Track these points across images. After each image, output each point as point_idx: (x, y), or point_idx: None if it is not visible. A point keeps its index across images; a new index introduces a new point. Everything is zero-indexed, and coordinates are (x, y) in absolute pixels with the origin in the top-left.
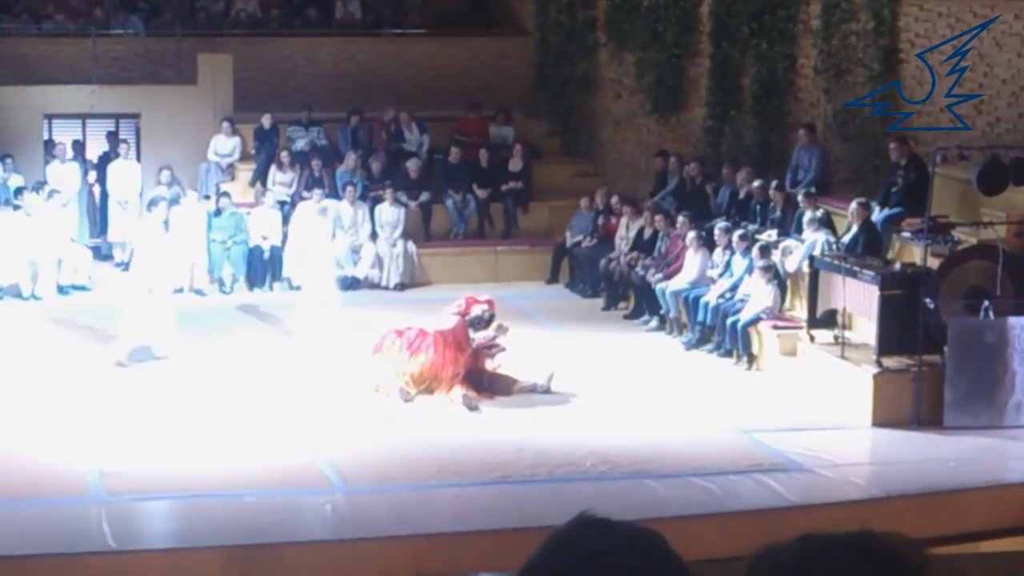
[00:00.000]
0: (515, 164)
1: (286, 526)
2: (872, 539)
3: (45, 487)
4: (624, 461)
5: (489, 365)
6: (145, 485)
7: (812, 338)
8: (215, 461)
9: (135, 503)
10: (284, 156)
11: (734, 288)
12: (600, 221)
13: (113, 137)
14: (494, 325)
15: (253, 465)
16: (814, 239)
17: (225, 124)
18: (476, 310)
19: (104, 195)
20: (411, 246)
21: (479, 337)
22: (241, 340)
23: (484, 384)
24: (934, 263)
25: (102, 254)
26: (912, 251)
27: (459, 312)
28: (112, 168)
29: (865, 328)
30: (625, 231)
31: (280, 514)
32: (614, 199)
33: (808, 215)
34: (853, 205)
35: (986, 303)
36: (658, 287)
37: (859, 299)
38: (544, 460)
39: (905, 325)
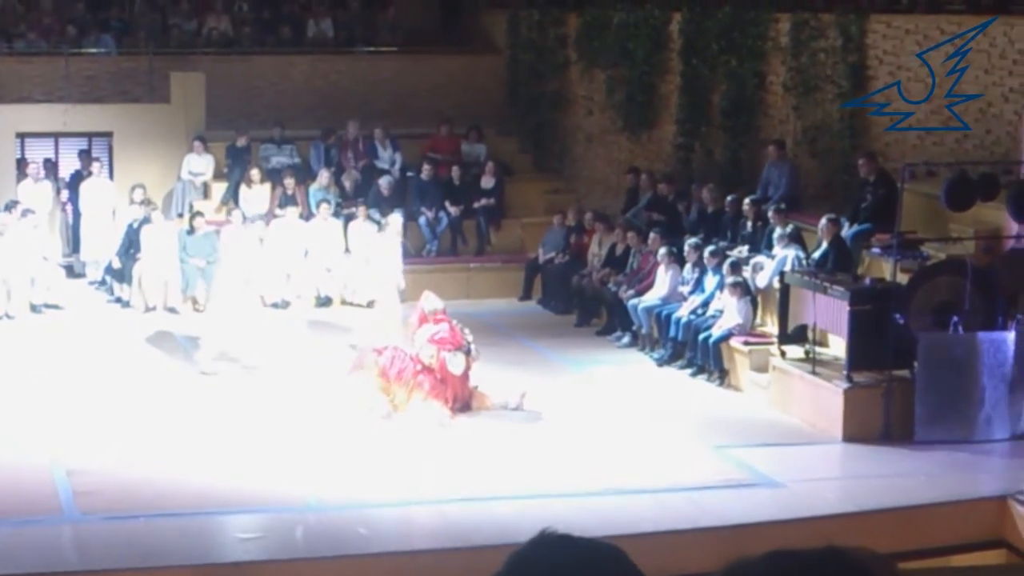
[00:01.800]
0: (487, 181)
1: (261, 544)
2: (841, 555)
3: (17, 507)
4: (596, 477)
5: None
6: (118, 504)
7: (783, 354)
8: (189, 479)
9: (108, 522)
10: (254, 174)
11: (705, 304)
12: (572, 238)
13: (86, 155)
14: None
15: (228, 483)
16: (784, 255)
17: (197, 143)
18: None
19: (76, 214)
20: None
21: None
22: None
23: (455, 403)
24: (903, 278)
25: (75, 272)
26: (881, 267)
27: (440, 342)
28: (85, 187)
29: (836, 343)
30: (597, 247)
31: (255, 532)
32: (587, 216)
33: (778, 231)
34: (823, 221)
35: (955, 318)
36: (630, 303)
37: (829, 315)
38: (515, 477)
39: (875, 340)
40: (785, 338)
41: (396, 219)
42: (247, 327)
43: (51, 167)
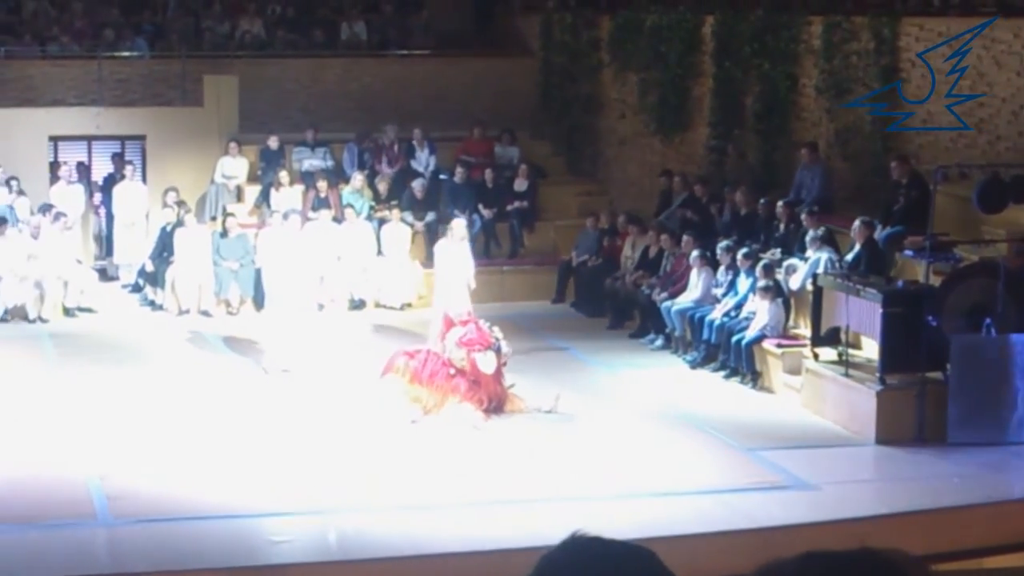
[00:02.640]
0: (520, 184)
1: (292, 547)
2: (874, 556)
3: (51, 510)
4: (629, 480)
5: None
6: (151, 507)
7: (816, 356)
8: (220, 483)
9: (140, 526)
10: (283, 177)
11: (739, 307)
12: (605, 241)
13: (118, 159)
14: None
15: (260, 486)
16: (817, 257)
17: (232, 145)
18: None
19: (110, 217)
20: (417, 266)
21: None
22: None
23: (491, 405)
24: (936, 281)
25: (108, 276)
26: (914, 269)
27: (470, 343)
28: (118, 190)
29: (869, 346)
30: (630, 250)
31: (287, 535)
32: (620, 218)
33: (811, 233)
34: (856, 223)
35: (988, 320)
36: (663, 306)
37: (862, 317)
38: (548, 479)
39: (908, 343)
40: (818, 340)
41: (460, 223)
42: (306, 328)
43: (84, 170)
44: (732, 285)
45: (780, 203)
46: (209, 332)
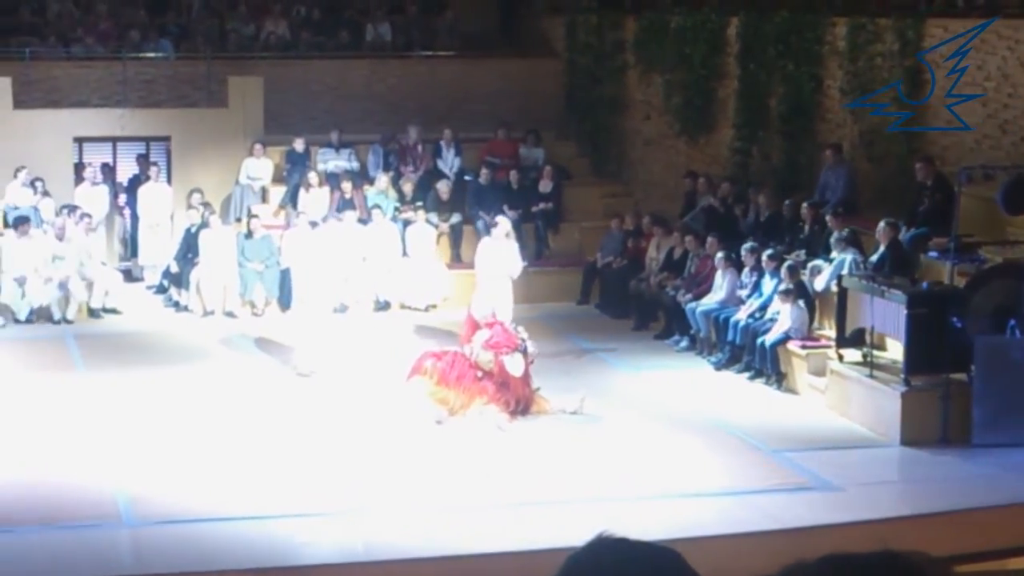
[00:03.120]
0: (545, 185)
1: (317, 548)
2: (896, 558)
3: (75, 512)
4: (654, 481)
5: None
6: (175, 509)
7: (841, 357)
8: (244, 484)
9: (164, 527)
10: (312, 178)
11: (763, 308)
12: (630, 242)
13: (143, 160)
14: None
15: (285, 486)
16: (841, 258)
17: (257, 146)
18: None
19: (134, 218)
20: (442, 267)
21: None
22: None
23: (517, 406)
24: (961, 282)
25: (133, 277)
26: (939, 270)
27: (498, 346)
28: (143, 191)
29: (894, 347)
30: (655, 251)
31: (311, 536)
32: (644, 220)
33: (835, 235)
34: (881, 224)
35: (1012, 321)
36: (688, 307)
37: (887, 318)
38: (573, 480)
39: (933, 344)
40: (843, 341)
41: (504, 221)
42: (333, 329)
43: (108, 171)
44: (757, 286)
45: (805, 204)
46: (234, 333)
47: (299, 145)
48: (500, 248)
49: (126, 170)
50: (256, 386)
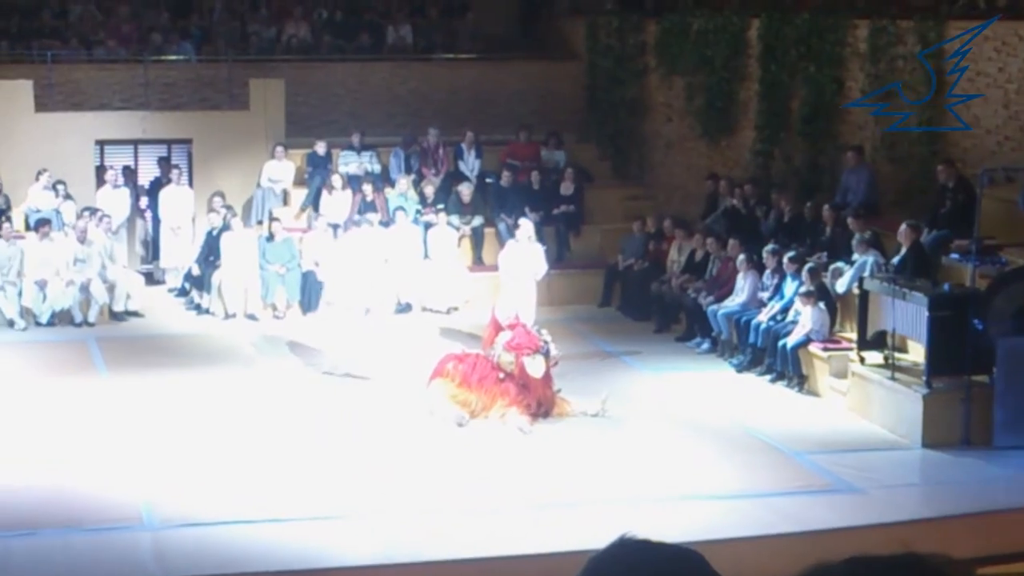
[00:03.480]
0: (567, 188)
1: (339, 550)
2: (919, 560)
3: (98, 515)
4: (676, 483)
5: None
6: (197, 512)
7: (862, 359)
8: (266, 487)
9: (187, 530)
10: (335, 180)
11: (785, 310)
12: (651, 244)
13: (165, 163)
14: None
15: (306, 490)
16: (863, 260)
17: (279, 149)
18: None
19: (156, 221)
20: (463, 270)
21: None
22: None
23: (539, 409)
24: (982, 284)
25: (154, 280)
26: (960, 272)
27: (521, 348)
28: (164, 194)
29: (915, 349)
30: (677, 254)
31: (333, 538)
32: (666, 222)
33: (857, 236)
34: (903, 226)
35: None
36: (709, 309)
37: (908, 320)
38: (595, 482)
39: (954, 346)
40: (864, 344)
41: (527, 224)
42: (362, 331)
43: (130, 174)
44: (778, 289)
45: (826, 206)
46: (255, 336)
47: (320, 148)
48: (524, 251)
49: (148, 173)
50: (278, 389)
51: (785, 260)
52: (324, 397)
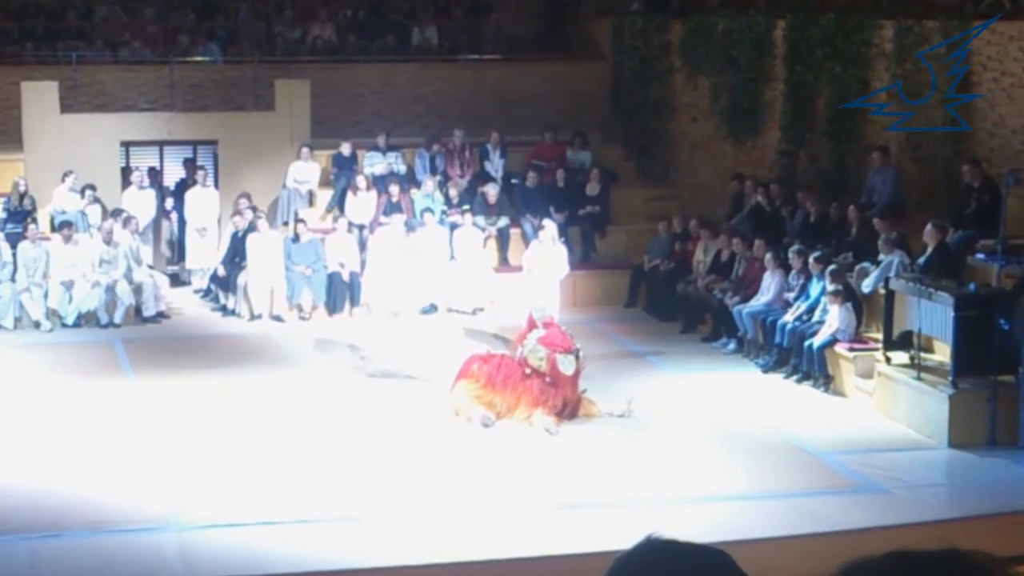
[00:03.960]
0: (592, 188)
1: (364, 551)
2: (961, 556)
3: (124, 516)
4: (702, 483)
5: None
6: (222, 513)
7: (888, 359)
8: (289, 489)
9: (212, 531)
10: (360, 181)
11: (810, 310)
12: (677, 245)
13: (190, 164)
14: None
15: (326, 492)
16: (888, 260)
17: (304, 150)
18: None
19: (181, 222)
20: (489, 271)
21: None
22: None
23: (565, 409)
24: (1008, 284)
25: (180, 281)
26: (986, 272)
27: (554, 345)
28: (190, 195)
29: (941, 349)
30: (702, 254)
31: (356, 539)
32: (692, 223)
33: (882, 236)
34: (928, 227)
35: None
36: (735, 309)
37: (934, 320)
38: (621, 483)
39: (980, 346)
40: (890, 344)
41: (551, 225)
42: (404, 331)
43: (155, 175)
44: (804, 289)
45: (852, 207)
46: (281, 337)
47: (346, 149)
48: (548, 252)
49: (173, 174)
50: (303, 390)
51: (811, 261)
52: (349, 398)
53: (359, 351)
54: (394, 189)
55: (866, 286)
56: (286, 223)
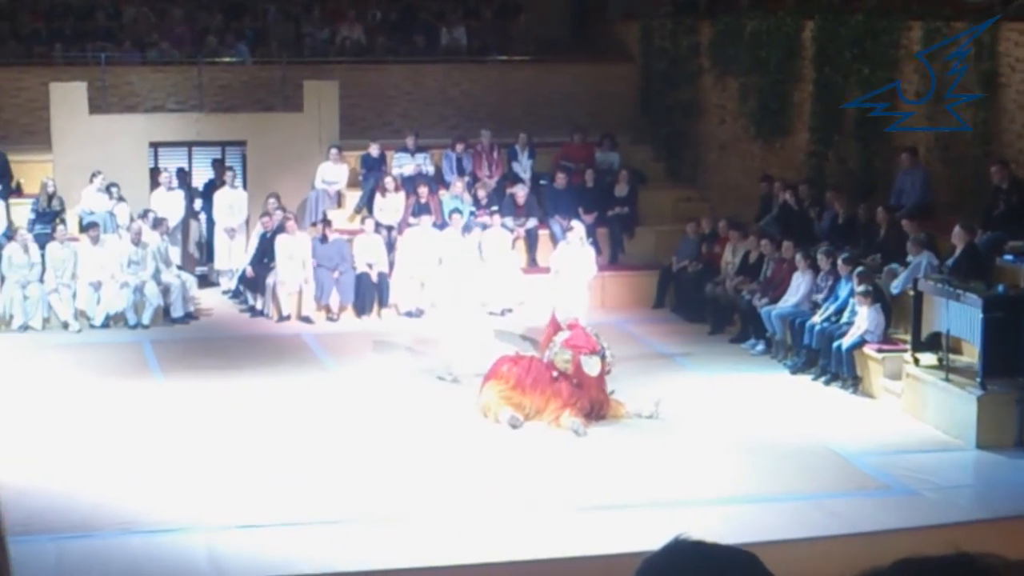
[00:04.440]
0: (621, 189)
1: (390, 552)
2: (971, 561)
3: (150, 517)
4: (729, 484)
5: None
6: (249, 513)
7: (917, 361)
8: (317, 490)
9: (240, 531)
10: (388, 182)
11: (839, 311)
12: (705, 246)
13: (219, 165)
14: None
15: (353, 493)
16: (917, 261)
17: (333, 151)
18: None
19: (210, 223)
20: (518, 272)
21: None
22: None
23: (592, 410)
24: None
25: (208, 282)
26: (1015, 273)
27: (578, 347)
28: (218, 196)
29: (969, 350)
30: (731, 255)
31: (383, 540)
32: (720, 224)
33: (911, 238)
34: (957, 228)
35: None
36: (764, 310)
37: (963, 322)
38: (649, 484)
39: (1009, 347)
40: (918, 345)
41: (579, 226)
42: (467, 333)
43: (184, 176)
44: (833, 290)
45: (880, 208)
46: (310, 338)
47: (374, 150)
48: (575, 253)
49: (202, 175)
50: (331, 391)
51: (839, 262)
52: (376, 400)
53: (445, 363)
54: (423, 190)
55: (894, 287)
56: (315, 224)
